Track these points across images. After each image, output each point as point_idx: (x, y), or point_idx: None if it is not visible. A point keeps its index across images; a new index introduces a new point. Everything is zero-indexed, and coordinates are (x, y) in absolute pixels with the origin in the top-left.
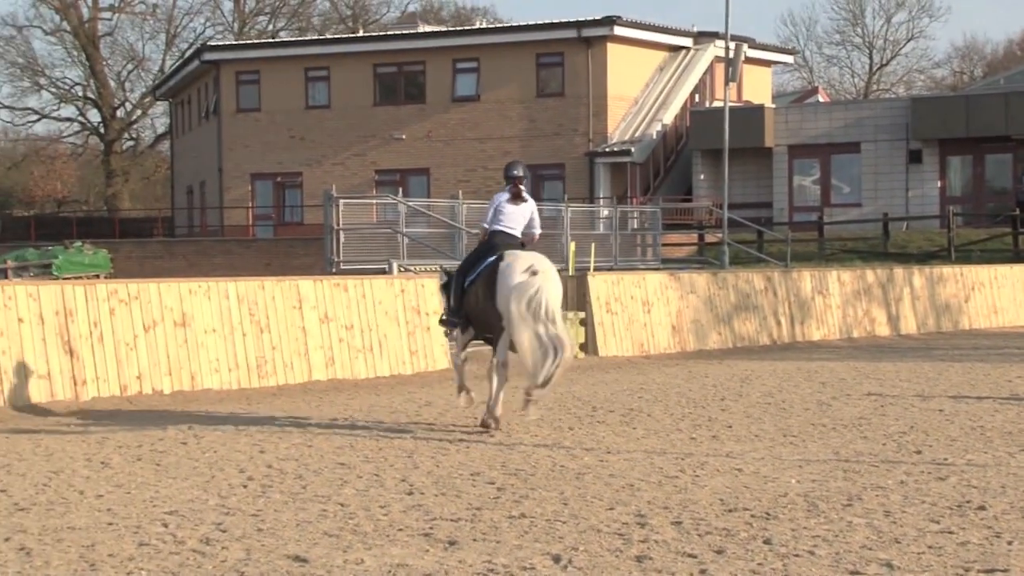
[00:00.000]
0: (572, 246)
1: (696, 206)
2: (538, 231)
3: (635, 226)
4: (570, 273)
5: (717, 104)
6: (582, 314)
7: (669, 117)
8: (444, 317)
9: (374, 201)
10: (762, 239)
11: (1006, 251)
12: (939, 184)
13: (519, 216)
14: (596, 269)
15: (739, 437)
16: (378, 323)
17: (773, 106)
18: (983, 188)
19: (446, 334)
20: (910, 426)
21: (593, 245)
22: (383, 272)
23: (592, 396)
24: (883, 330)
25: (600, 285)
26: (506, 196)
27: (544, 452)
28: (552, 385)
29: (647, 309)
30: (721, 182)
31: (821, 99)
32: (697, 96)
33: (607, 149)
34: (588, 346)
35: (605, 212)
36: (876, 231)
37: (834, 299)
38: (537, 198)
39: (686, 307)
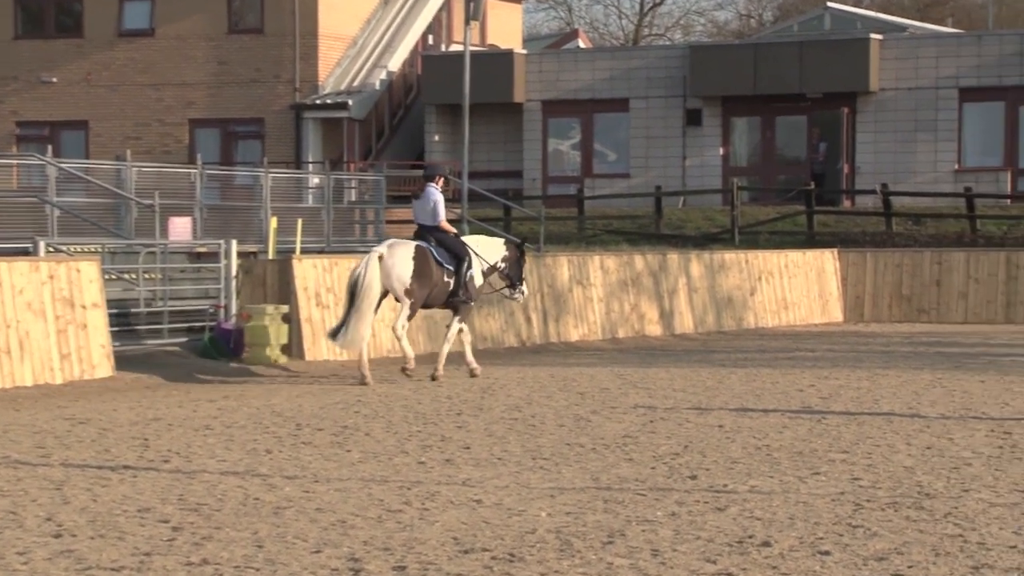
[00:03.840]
0: (273, 222)
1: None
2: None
3: (353, 198)
4: (270, 256)
5: (455, 48)
6: (285, 308)
7: (396, 63)
8: None
9: (14, 162)
10: (510, 216)
11: (799, 234)
12: (721, 151)
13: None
14: (303, 251)
15: (478, 461)
16: (18, 318)
17: (524, 52)
18: (773, 157)
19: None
20: (684, 446)
21: (300, 221)
22: (26, 253)
23: (296, 410)
24: (654, 329)
25: (308, 272)
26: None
27: (234, 481)
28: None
29: None
30: (460, 145)
31: (582, 44)
32: (431, 38)
33: (318, 101)
34: (292, 348)
35: (315, 180)
36: (647, 208)
37: (596, 291)
38: (229, 161)
39: None
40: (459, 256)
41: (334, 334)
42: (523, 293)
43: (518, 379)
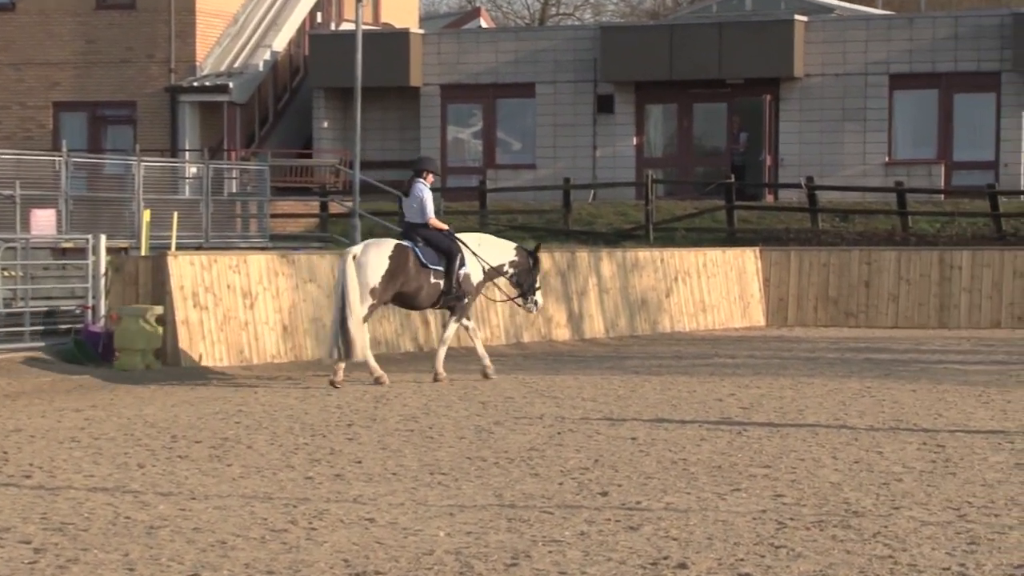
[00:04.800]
0: (146, 216)
1: (318, 163)
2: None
3: (234, 189)
4: (143, 253)
5: (346, 27)
6: (159, 309)
7: (281, 42)
8: None
9: None
10: None
11: (718, 230)
12: (635, 141)
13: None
14: (179, 247)
15: (371, 476)
16: None
17: (421, 32)
18: (690, 148)
19: None
20: (594, 460)
21: (175, 215)
22: None
23: (171, 421)
24: (562, 333)
25: (185, 269)
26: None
27: (102, 498)
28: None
29: (249, 303)
30: (351, 132)
31: (484, 24)
32: (319, 16)
33: (195, 83)
34: (168, 352)
35: (193, 170)
36: (554, 202)
37: (499, 292)
38: (97, 149)
39: (303, 300)
40: (448, 253)
41: (329, 352)
42: (536, 304)
43: (415, 387)
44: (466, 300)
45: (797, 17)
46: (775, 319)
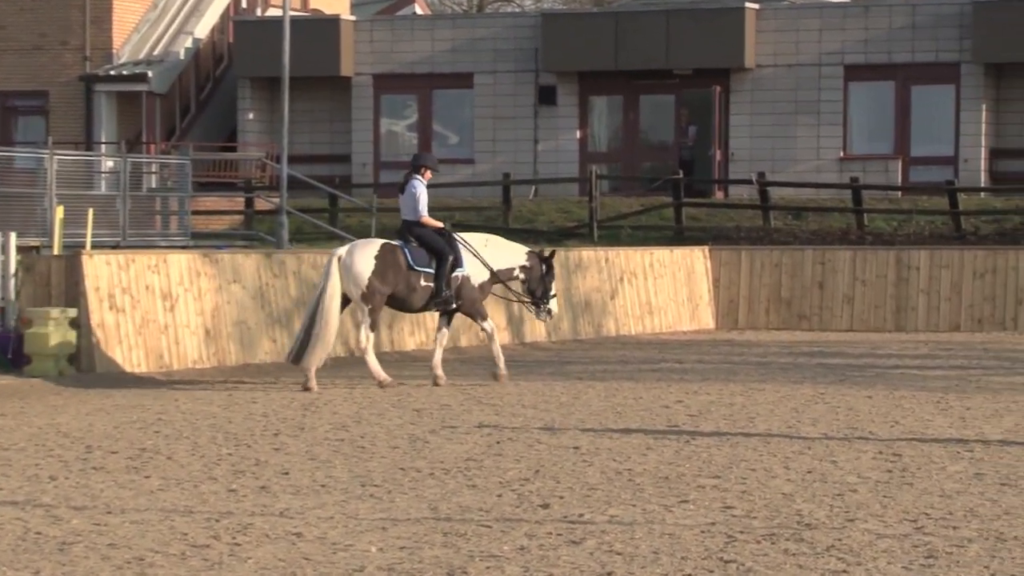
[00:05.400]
0: (59, 212)
1: (243, 157)
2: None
3: (153, 185)
4: (55, 252)
5: (273, 13)
6: (73, 312)
7: (203, 29)
8: None
9: None
10: (336, 207)
11: (665, 229)
12: (578, 135)
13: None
14: (94, 246)
15: (299, 488)
16: None
17: (353, 18)
18: (637, 142)
19: None
20: (535, 470)
21: (91, 212)
22: None
23: (86, 430)
24: (501, 337)
25: (100, 269)
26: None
27: (11, 513)
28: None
29: (169, 305)
30: (278, 124)
31: (419, 11)
32: (244, 1)
33: (112, 72)
34: (82, 358)
35: (109, 164)
36: (494, 198)
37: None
38: (7, 141)
39: (226, 303)
40: (439, 254)
41: (296, 358)
42: (550, 313)
43: (345, 394)
44: (451, 305)
45: (748, 5)
46: (725, 322)
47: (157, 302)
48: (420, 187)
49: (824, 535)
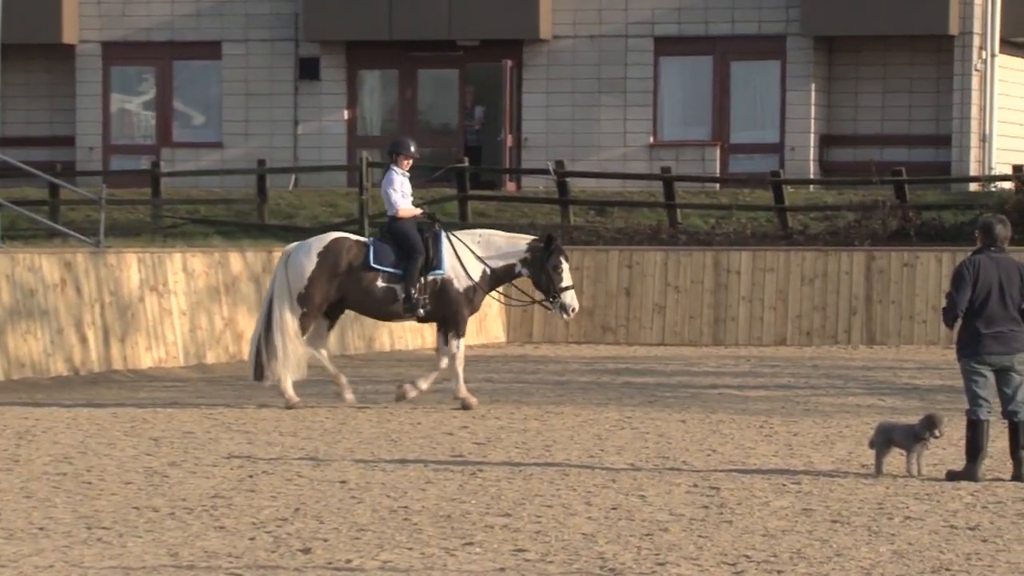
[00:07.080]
0: None
1: None
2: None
3: None
4: None
5: None
6: None
7: None
8: None
9: None
10: (58, 198)
11: (449, 225)
12: (346, 115)
13: None
14: None
15: (12, 532)
16: None
17: None
18: (414, 124)
19: None
20: (294, 508)
21: None
22: None
23: None
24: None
25: None
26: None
27: None
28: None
29: None
30: None
31: None
32: None
33: None
34: None
35: None
36: (247, 188)
37: (177, 301)
38: None
39: None
40: (409, 252)
41: (258, 374)
42: (566, 308)
43: (68, 420)
44: (419, 313)
45: None
46: (517, 334)
47: None
48: (395, 178)
49: None
